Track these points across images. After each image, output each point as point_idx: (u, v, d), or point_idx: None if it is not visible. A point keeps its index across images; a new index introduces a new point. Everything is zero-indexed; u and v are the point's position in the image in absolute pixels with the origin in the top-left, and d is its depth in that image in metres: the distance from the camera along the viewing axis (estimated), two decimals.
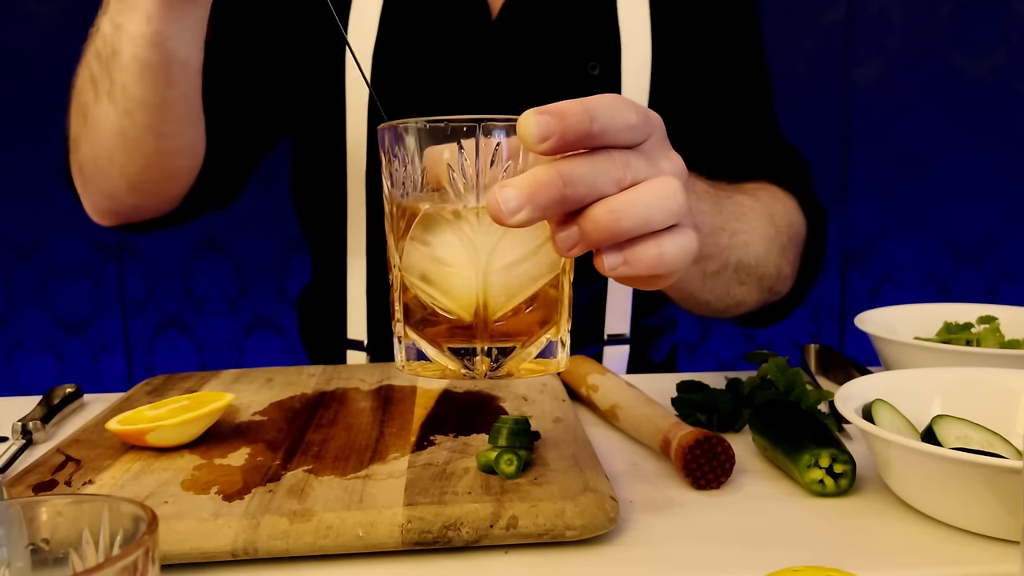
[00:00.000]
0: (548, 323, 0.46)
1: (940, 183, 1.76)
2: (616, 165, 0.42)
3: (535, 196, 0.40)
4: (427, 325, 0.46)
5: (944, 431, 0.56)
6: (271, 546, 0.48)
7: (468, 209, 0.44)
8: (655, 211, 0.42)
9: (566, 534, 0.49)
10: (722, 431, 0.68)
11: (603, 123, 0.41)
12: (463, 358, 0.45)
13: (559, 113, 0.40)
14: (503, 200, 0.40)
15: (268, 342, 1.80)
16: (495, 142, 0.43)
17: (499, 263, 0.44)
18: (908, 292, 1.79)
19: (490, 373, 0.45)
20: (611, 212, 0.42)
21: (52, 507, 0.35)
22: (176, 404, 0.63)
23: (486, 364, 0.45)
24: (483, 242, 0.44)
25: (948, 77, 1.74)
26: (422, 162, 0.45)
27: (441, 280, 0.45)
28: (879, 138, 1.76)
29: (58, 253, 1.76)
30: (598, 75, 0.91)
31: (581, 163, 0.41)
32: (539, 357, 0.47)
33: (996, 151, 1.75)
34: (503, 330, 0.45)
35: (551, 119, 0.40)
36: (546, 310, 0.46)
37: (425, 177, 0.45)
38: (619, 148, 0.43)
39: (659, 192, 0.42)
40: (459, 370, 0.45)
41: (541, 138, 0.40)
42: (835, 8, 1.73)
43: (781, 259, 0.76)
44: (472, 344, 0.45)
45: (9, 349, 1.80)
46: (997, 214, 1.78)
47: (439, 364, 0.46)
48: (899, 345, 0.74)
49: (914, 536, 0.50)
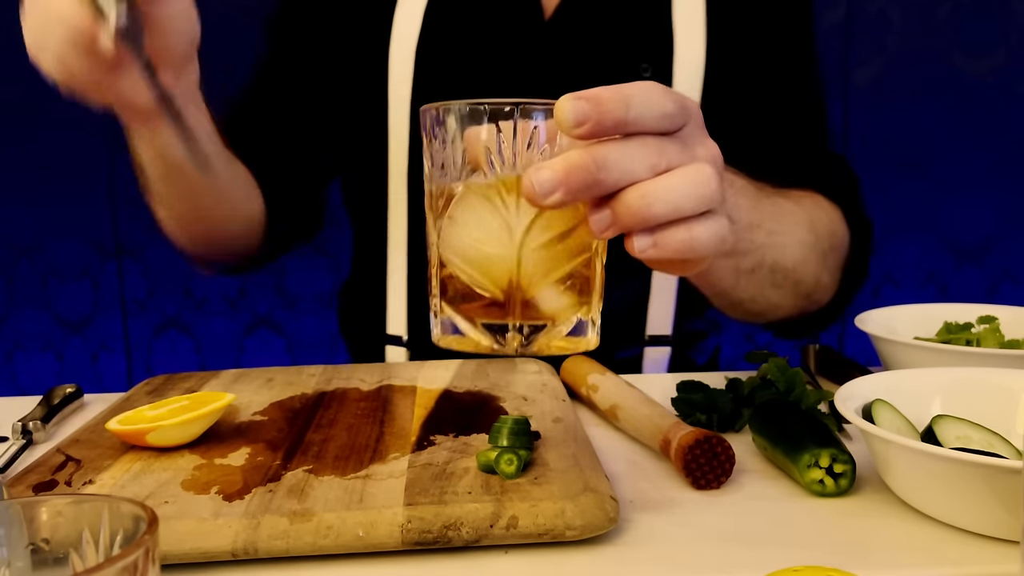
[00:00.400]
0: (580, 303, 0.48)
1: (940, 183, 1.76)
2: (651, 151, 0.43)
3: (569, 179, 0.41)
4: (462, 301, 0.47)
5: (944, 431, 0.56)
6: (271, 546, 0.48)
7: (504, 189, 0.45)
8: (686, 197, 0.43)
9: (566, 534, 0.49)
10: (722, 431, 0.68)
11: (638, 110, 0.42)
12: (495, 334, 0.47)
13: (596, 99, 0.41)
14: (538, 182, 0.41)
15: (268, 342, 1.80)
16: (532, 125, 0.45)
17: (533, 243, 0.46)
18: (908, 292, 1.79)
19: (521, 348, 0.47)
20: (643, 197, 0.43)
21: (52, 507, 0.35)
22: (176, 404, 0.63)
23: (518, 340, 0.47)
24: (518, 222, 0.45)
25: (948, 77, 1.74)
26: (462, 143, 0.46)
27: (476, 258, 0.46)
28: (879, 138, 1.76)
29: (58, 253, 1.77)
30: (650, 76, 0.90)
31: (615, 148, 0.42)
32: (570, 335, 0.48)
33: (996, 151, 1.75)
34: (535, 307, 0.47)
35: (587, 104, 0.41)
36: (578, 290, 0.47)
37: (465, 158, 0.46)
38: (655, 135, 0.43)
39: (692, 178, 0.43)
40: (492, 345, 0.47)
41: (577, 122, 0.41)
42: (835, 9, 1.73)
43: (820, 267, 0.75)
44: (505, 320, 0.47)
45: (9, 349, 1.80)
46: (997, 214, 1.78)
47: (472, 339, 0.47)
48: (899, 345, 0.74)
49: (914, 536, 0.50)
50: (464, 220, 0.46)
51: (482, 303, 0.47)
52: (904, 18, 1.73)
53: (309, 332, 1.78)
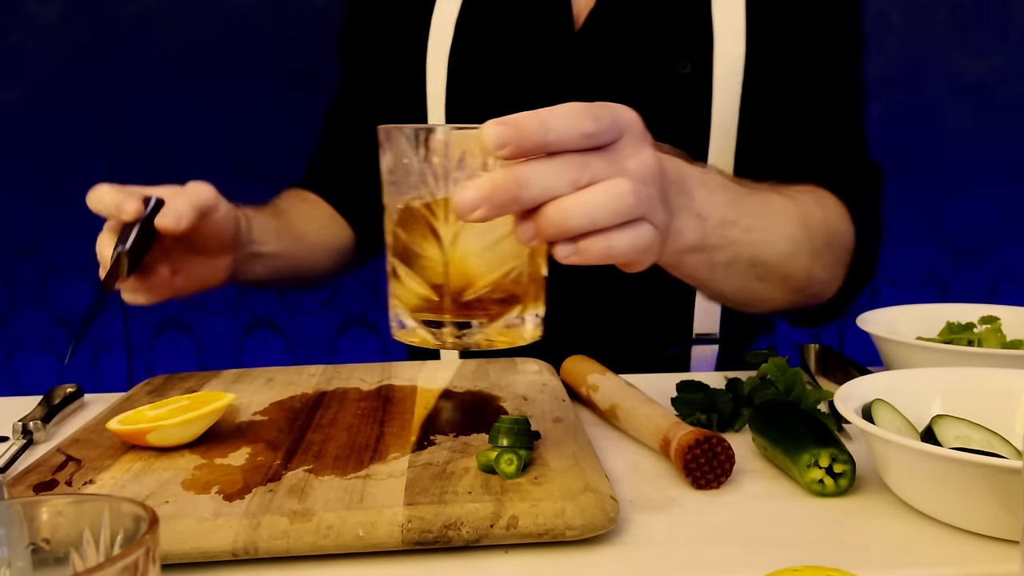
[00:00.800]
0: (513, 302, 0.53)
1: (940, 183, 1.76)
2: (572, 168, 0.47)
3: (492, 196, 0.46)
4: (408, 301, 0.54)
5: (944, 431, 0.56)
6: (271, 546, 0.48)
7: (437, 203, 0.51)
8: (601, 211, 0.47)
9: (566, 534, 0.49)
10: (722, 431, 0.68)
11: (558, 132, 0.46)
12: (433, 329, 0.53)
13: (516, 124, 0.46)
14: (463, 199, 0.46)
15: (268, 342, 1.80)
16: (463, 146, 0.50)
17: (463, 251, 0.51)
18: (908, 292, 1.79)
19: (455, 342, 0.52)
20: (562, 211, 0.47)
21: (53, 507, 0.35)
22: (176, 404, 0.63)
23: (452, 335, 0.53)
24: (448, 232, 0.51)
25: (948, 77, 1.74)
26: (407, 160, 0.51)
27: (416, 262, 0.53)
28: (879, 138, 1.75)
29: (58, 253, 1.76)
30: (689, 73, 0.89)
31: (536, 167, 0.46)
32: (507, 328, 0.53)
33: (996, 151, 1.75)
34: (468, 307, 0.52)
35: (508, 129, 0.45)
36: (510, 291, 0.53)
37: (410, 174, 0.51)
38: (579, 152, 0.47)
39: (608, 193, 0.47)
40: (432, 339, 0.53)
41: (499, 146, 0.46)
42: None
43: (812, 262, 0.75)
44: (441, 318, 0.52)
45: (9, 349, 1.80)
46: (997, 214, 1.77)
47: (418, 334, 0.54)
48: (901, 345, 0.74)
49: (914, 536, 0.50)
50: (406, 229, 0.52)
51: (423, 303, 0.53)
52: (904, 18, 1.73)
53: (309, 332, 1.78)
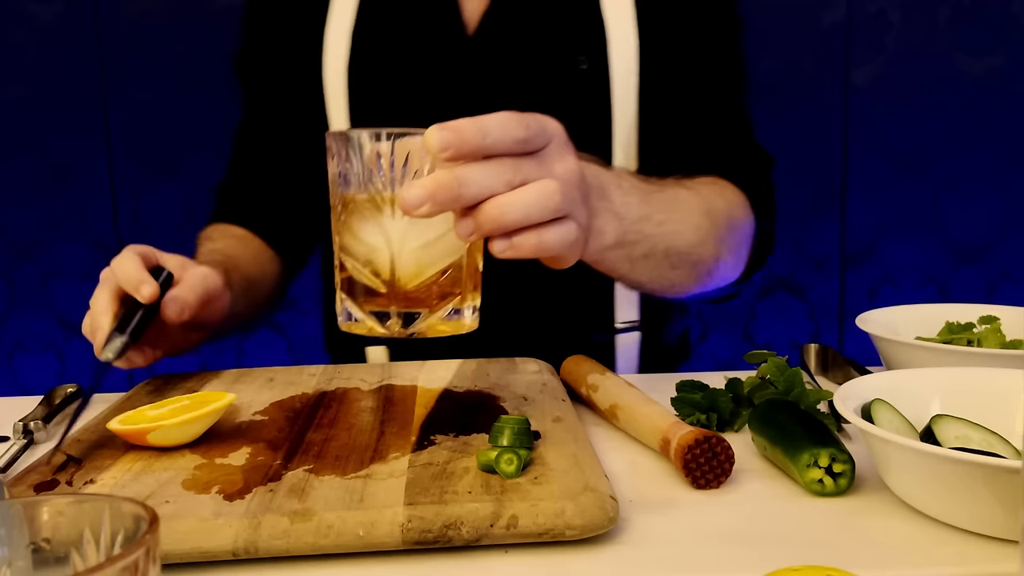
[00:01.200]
0: (453, 294, 0.57)
1: (940, 183, 1.76)
2: (506, 170, 0.51)
3: (435, 194, 0.50)
4: (356, 294, 0.57)
5: (943, 431, 0.56)
6: (272, 546, 0.48)
7: (384, 201, 0.54)
8: (533, 208, 0.52)
9: (566, 534, 0.49)
10: (722, 431, 0.68)
11: (495, 137, 0.51)
12: (380, 320, 0.56)
13: (457, 129, 0.50)
14: (409, 197, 0.50)
15: (268, 342, 1.80)
16: (407, 150, 0.53)
17: (408, 246, 0.55)
18: (907, 292, 1.79)
19: (400, 331, 0.56)
20: (498, 207, 0.51)
21: (53, 507, 0.35)
22: (177, 404, 0.63)
23: (398, 325, 0.56)
24: (394, 228, 0.54)
25: (948, 78, 1.74)
26: (355, 163, 0.55)
27: (364, 257, 0.56)
28: (879, 138, 1.76)
29: (59, 253, 1.77)
30: (587, 70, 0.93)
31: (475, 169, 0.51)
32: (448, 319, 0.57)
33: (996, 151, 1.75)
34: (413, 298, 0.56)
35: (450, 134, 0.50)
36: (451, 283, 0.57)
37: (357, 175, 0.55)
38: (513, 156, 0.52)
39: (539, 192, 0.52)
40: (379, 328, 0.56)
41: (442, 148, 0.50)
42: (835, 9, 1.73)
43: (719, 247, 0.81)
44: (388, 309, 0.56)
45: (10, 349, 1.80)
46: (997, 214, 1.78)
47: (365, 324, 0.57)
48: (901, 345, 0.74)
49: (914, 536, 0.50)
50: (355, 227, 0.56)
51: (370, 295, 0.56)
52: (904, 18, 1.73)
53: (309, 332, 1.78)
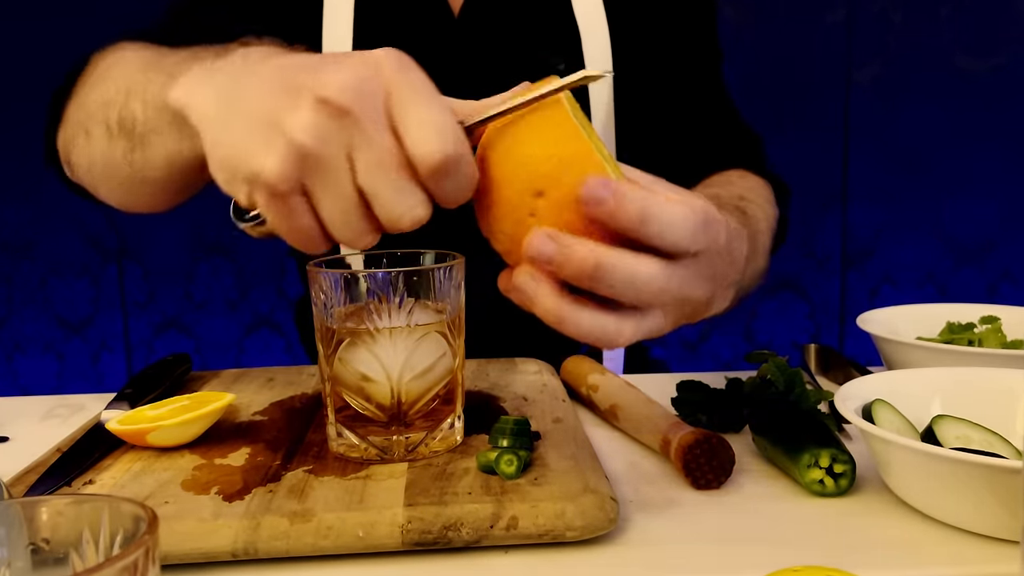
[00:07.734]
0: (448, 412, 0.58)
1: (940, 183, 1.76)
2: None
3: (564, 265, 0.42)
4: (354, 421, 0.57)
5: (944, 431, 0.56)
6: (271, 546, 0.48)
7: (381, 332, 0.54)
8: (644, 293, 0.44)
9: (566, 535, 0.49)
10: (722, 431, 0.68)
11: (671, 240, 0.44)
12: (381, 447, 0.57)
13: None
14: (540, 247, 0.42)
15: (268, 342, 1.80)
16: (403, 288, 0.54)
17: (409, 374, 0.55)
18: (907, 292, 1.79)
19: (403, 455, 0.56)
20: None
21: (52, 507, 0.35)
22: (176, 404, 0.63)
23: (402, 448, 0.57)
24: (395, 359, 0.55)
25: (949, 77, 1.74)
26: (342, 296, 0.55)
27: (365, 389, 0.56)
28: (879, 138, 1.76)
29: (58, 253, 1.77)
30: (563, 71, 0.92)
31: (618, 257, 0.43)
32: (445, 437, 0.58)
33: (996, 151, 1.75)
34: (414, 422, 0.57)
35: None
36: (445, 401, 0.58)
37: (350, 310, 0.55)
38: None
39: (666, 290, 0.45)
40: (379, 455, 0.56)
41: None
42: (836, 9, 1.73)
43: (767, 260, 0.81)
44: (390, 435, 0.57)
45: (10, 350, 1.80)
46: (997, 214, 1.78)
47: (367, 452, 0.57)
48: (902, 345, 0.74)
49: (914, 536, 0.50)
50: (352, 361, 0.55)
51: (371, 423, 0.57)
52: (905, 18, 1.73)
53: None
